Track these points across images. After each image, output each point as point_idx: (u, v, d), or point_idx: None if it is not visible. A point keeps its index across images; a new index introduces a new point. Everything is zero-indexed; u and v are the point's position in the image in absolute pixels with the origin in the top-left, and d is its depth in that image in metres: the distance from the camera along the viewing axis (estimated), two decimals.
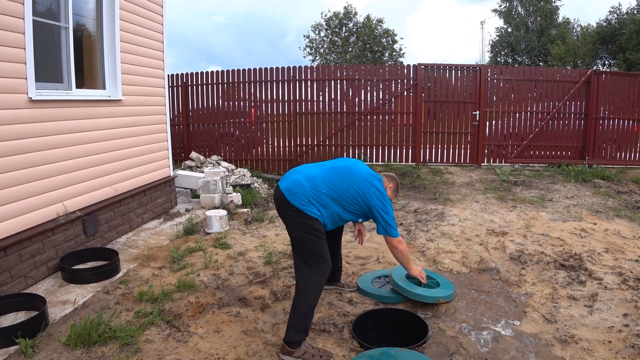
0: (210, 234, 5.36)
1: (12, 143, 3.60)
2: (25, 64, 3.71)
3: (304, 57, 33.92)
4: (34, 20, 3.79)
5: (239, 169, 8.80)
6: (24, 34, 3.67)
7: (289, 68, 9.23)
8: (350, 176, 3.05)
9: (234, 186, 7.52)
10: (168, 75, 7.08)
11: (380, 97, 9.33)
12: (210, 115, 9.51)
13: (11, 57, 3.57)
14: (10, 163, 3.58)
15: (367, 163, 9.30)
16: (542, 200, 6.74)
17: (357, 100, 9.31)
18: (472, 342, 3.02)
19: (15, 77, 3.63)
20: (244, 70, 9.35)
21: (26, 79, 3.72)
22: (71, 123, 4.34)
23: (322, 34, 32.78)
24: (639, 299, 3.46)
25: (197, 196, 6.95)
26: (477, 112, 9.19)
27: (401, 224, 5.69)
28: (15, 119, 3.63)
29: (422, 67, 9.14)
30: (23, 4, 3.63)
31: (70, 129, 4.32)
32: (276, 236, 5.31)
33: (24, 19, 3.65)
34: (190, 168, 8.53)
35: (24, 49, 3.68)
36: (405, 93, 9.28)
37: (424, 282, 3.57)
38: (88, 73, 4.89)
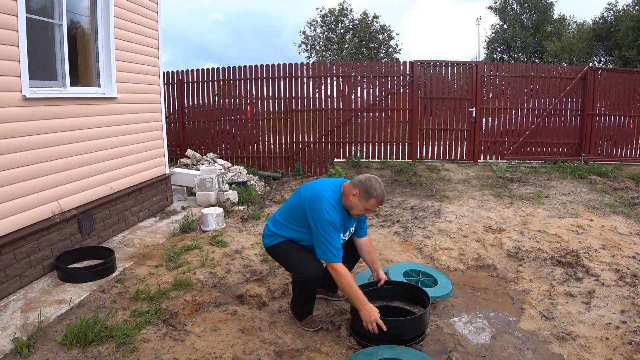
0: (206, 231, 5.35)
1: (6, 141, 3.56)
2: (19, 61, 3.67)
3: (299, 53, 33.91)
4: (27, 18, 3.75)
5: (235, 166, 8.77)
6: (17, 31, 3.62)
7: (284, 65, 9.19)
8: (299, 196, 3.07)
9: (230, 184, 7.50)
10: (163, 72, 7.04)
11: (377, 94, 9.30)
12: (206, 113, 9.47)
13: (5, 54, 3.54)
14: (4, 162, 3.54)
15: (364, 160, 9.30)
16: (538, 197, 6.75)
17: (353, 97, 9.28)
18: (470, 339, 3.03)
19: (9, 75, 3.59)
20: (239, 67, 9.31)
21: (20, 77, 3.68)
22: (66, 121, 4.30)
23: (318, 30, 32.73)
24: (635, 295, 3.47)
25: (193, 194, 6.92)
26: (474, 108, 9.19)
27: (398, 221, 5.69)
28: (9, 117, 3.60)
29: (419, 63, 9.13)
30: (16, 1, 3.59)
31: (65, 127, 4.29)
32: None
33: (17, 16, 3.61)
34: (186, 166, 8.49)
35: (18, 46, 3.64)
36: (401, 90, 9.26)
37: (375, 332, 2.77)
38: (83, 71, 4.85)
